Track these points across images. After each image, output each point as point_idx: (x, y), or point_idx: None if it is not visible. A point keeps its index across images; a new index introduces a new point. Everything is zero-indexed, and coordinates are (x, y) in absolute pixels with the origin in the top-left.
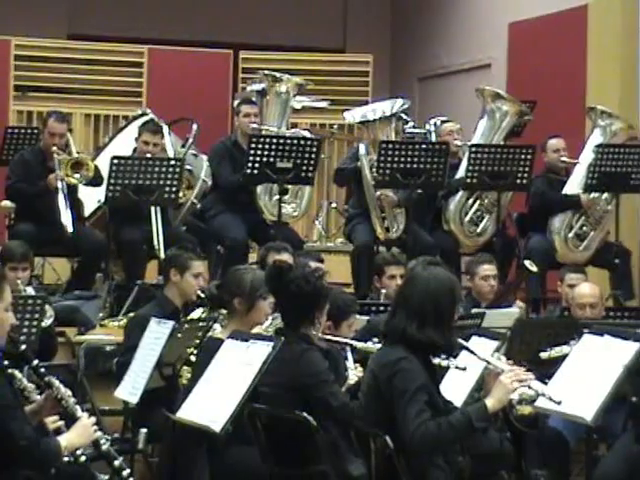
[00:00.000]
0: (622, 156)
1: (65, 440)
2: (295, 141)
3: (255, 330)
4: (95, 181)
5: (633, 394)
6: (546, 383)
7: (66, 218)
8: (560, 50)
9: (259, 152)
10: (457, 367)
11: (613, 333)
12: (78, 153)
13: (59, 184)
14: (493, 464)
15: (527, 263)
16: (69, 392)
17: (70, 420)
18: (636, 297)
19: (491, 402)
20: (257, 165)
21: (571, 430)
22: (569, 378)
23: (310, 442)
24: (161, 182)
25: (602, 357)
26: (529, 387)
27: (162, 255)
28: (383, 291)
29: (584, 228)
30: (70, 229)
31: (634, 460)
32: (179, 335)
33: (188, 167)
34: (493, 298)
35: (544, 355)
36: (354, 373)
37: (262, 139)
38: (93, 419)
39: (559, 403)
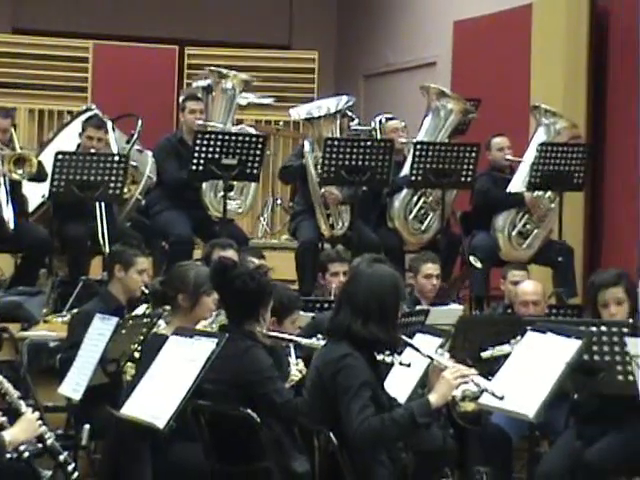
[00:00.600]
0: (565, 155)
1: (9, 435)
2: (240, 138)
3: (199, 326)
4: (39, 177)
5: (575, 391)
6: (489, 380)
7: (7, 214)
8: (504, 49)
9: (204, 148)
10: (401, 364)
11: (556, 330)
12: (21, 149)
13: (1, 179)
14: (436, 461)
15: (472, 259)
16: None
17: (13, 416)
18: (578, 295)
19: (434, 398)
20: (202, 162)
21: (514, 427)
22: (512, 375)
23: (254, 439)
24: (105, 178)
25: (544, 354)
26: (472, 383)
27: (107, 251)
28: (334, 286)
29: (527, 226)
30: (12, 225)
31: (576, 456)
32: (123, 331)
33: (133, 163)
34: (437, 294)
35: (485, 355)
36: (297, 369)
37: (207, 135)
38: (37, 414)
39: (502, 398)
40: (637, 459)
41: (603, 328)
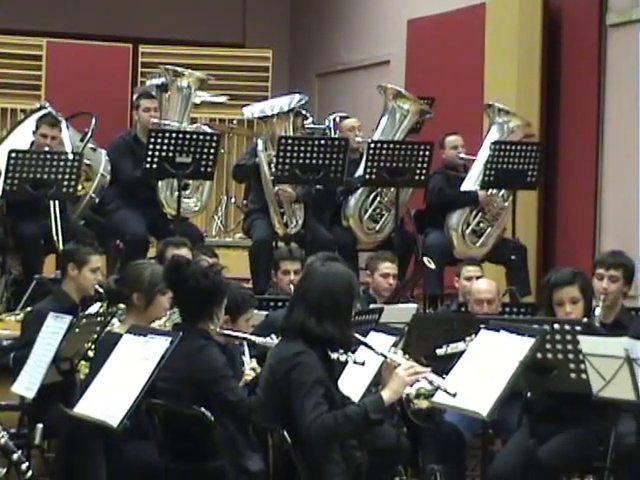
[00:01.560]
0: (519, 153)
1: None
2: (194, 136)
3: (154, 325)
4: None
5: (528, 389)
6: (443, 378)
7: None
8: (458, 47)
9: (158, 147)
10: (355, 362)
11: (509, 329)
12: None
13: None
14: (390, 459)
15: (425, 260)
16: None
17: None
18: (532, 293)
19: (387, 394)
20: (156, 160)
21: (467, 425)
22: (465, 373)
23: (207, 437)
24: (59, 176)
25: (498, 352)
26: (425, 379)
27: (60, 249)
28: (286, 284)
29: (481, 224)
30: None
31: (529, 455)
32: (76, 330)
33: (87, 161)
34: (392, 294)
35: (440, 352)
36: (251, 368)
37: (161, 134)
38: None
39: (454, 395)
40: (589, 457)
41: (556, 326)
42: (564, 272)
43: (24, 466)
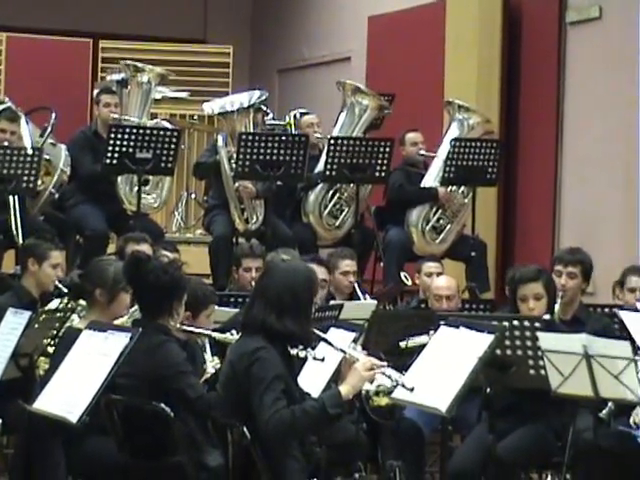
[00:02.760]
0: (479, 150)
1: None
2: (155, 132)
3: (116, 323)
4: None
5: (487, 385)
6: (402, 374)
7: None
8: (419, 44)
9: (118, 142)
10: (315, 358)
11: (468, 325)
12: None
13: None
14: (348, 455)
15: (403, 276)
16: None
17: None
18: (491, 289)
19: (345, 389)
20: (116, 155)
21: (426, 421)
22: (425, 369)
23: (167, 433)
24: (19, 171)
25: (457, 349)
26: (384, 374)
27: (20, 244)
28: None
29: (441, 221)
30: None
31: (488, 450)
32: (36, 325)
33: (47, 156)
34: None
35: (403, 344)
36: (212, 364)
37: (121, 129)
38: None
39: (412, 390)
40: (548, 453)
41: (515, 323)
42: (529, 268)
43: None
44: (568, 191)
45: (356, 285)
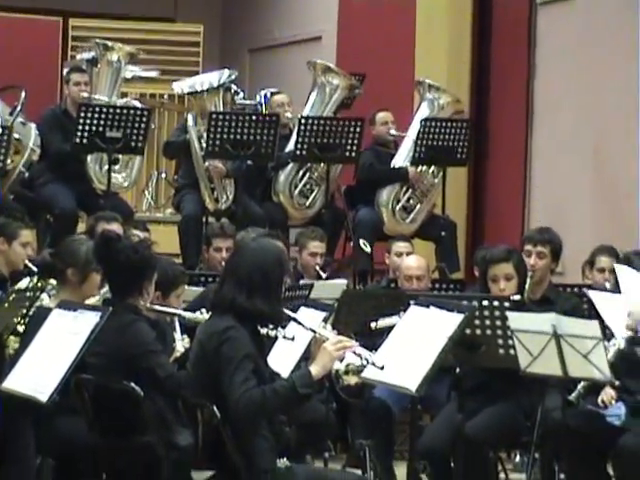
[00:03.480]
0: (449, 130)
1: None
2: (125, 111)
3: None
4: None
5: (457, 365)
6: (373, 353)
7: None
8: (389, 24)
9: (88, 121)
10: (285, 337)
11: (438, 305)
12: None
13: None
14: (318, 434)
15: (361, 243)
16: None
17: None
18: (461, 269)
19: (315, 368)
20: (86, 134)
21: (396, 400)
22: (395, 349)
23: (137, 412)
24: None
25: (427, 328)
26: (354, 353)
27: None
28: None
29: (411, 201)
30: None
31: (457, 430)
32: (5, 305)
33: (16, 135)
34: (325, 272)
35: (373, 325)
36: (182, 344)
37: (92, 108)
38: None
39: (382, 368)
40: (516, 432)
41: (485, 303)
42: (500, 249)
43: None
44: (538, 171)
45: (317, 267)
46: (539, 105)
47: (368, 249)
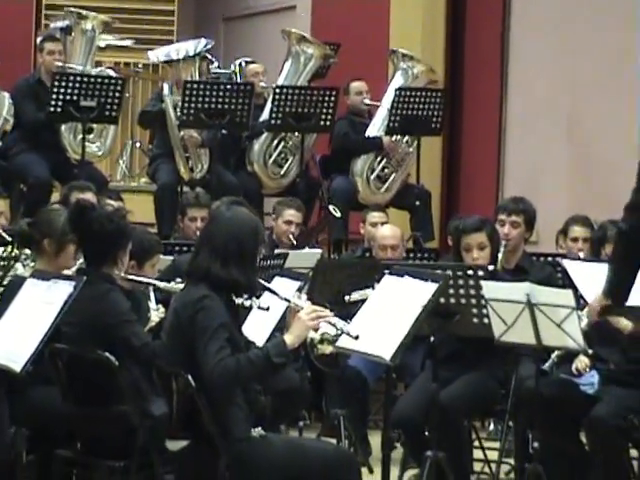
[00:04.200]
0: (423, 99)
1: None
2: (99, 80)
3: None
4: None
5: (431, 334)
6: (347, 323)
7: None
8: None
9: (62, 90)
10: (260, 307)
11: (413, 274)
12: None
13: None
14: (293, 403)
15: (331, 208)
16: None
17: None
18: (435, 238)
19: (290, 338)
20: (60, 103)
21: (371, 369)
22: (369, 318)
23: (111, 382)
24: None
25: (402, 297)
26: (328, 323)
27: None
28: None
29: (385, 170)
30: None
31: (431, 399)
32: None
33: None
34: (298, 241)
35: (347, 298)
36: (157, 313)
37: (66, 77)
38: None
39: (357, 338)
40: (490, 400)
41: (459, 272)
42: (473, 218)
43: None
44: (512, 141)
45: (291, 236)
46: (514, 74)
47: (338, 214)
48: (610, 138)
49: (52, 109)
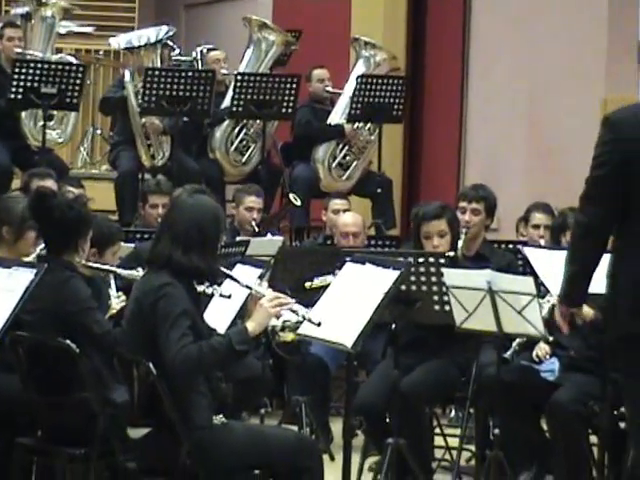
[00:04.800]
0: (385, 87)
1: None
2: (60, 67)
3: None
4: None
5: (393, 321)
6: (309, 310)
7: None
8: None
9: (23, 77)
10: (221, 295)
11: (374, 261)
12: None
13: None
14: (255, 390)
15: (292, 197)
16: None
17: None
18: (397, 226)
19: (251, 325)
20: (21, 90)
21: (332, 357)
22: (331, 305)
23: (72, 369)
24: None
25: (363, 285)
26: (290, 310)
27: None
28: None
29: (347, 157)
30: None
31: (392, 386)
32: None
33: None
34: (259, 228)
35: (308, 285)
36: (118, 301)
37: (26, 64)
38: None
39: (319, 325)
40: (451, 387)
41: (421, 259)
42: (433, 206)
43: None
44: (473, 128)
45: (253, 223)
46: (474, 61)
47: (298, 202)
48: (570, 125)
49: (12, 96)
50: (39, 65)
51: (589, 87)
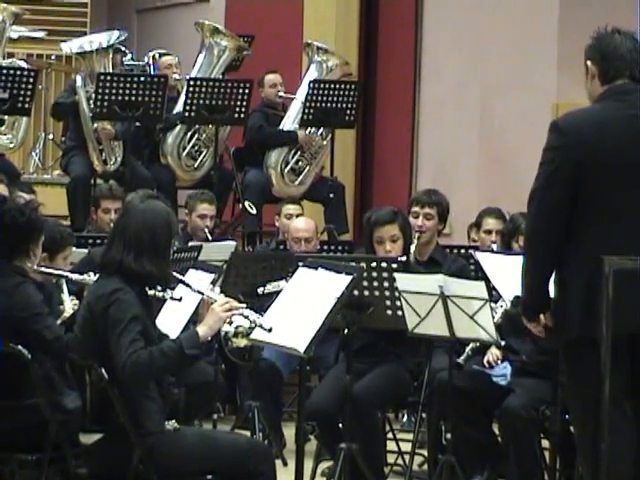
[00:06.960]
0: (337, 92)
1: None
2: (11, 71)
3: None
4: None
5: (345, 326)
6: (261, 316)
7: None
8: None
9: None
10: (172, 299)
11: (327, 266)
12: None
13: None
14: (207, 396)
15: (247, 205)
16: None
17: None
18: (350, 231)
19: (202, 329)
20: None
21: (285, 362)
22: (283, 310)
23: (23, 375)
24: None
25: (315, 290)
26: (241, 315)
27: None
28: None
29: (300, 163)
30: None
31: (345, 391)
32: None
33: None
34: (212, 235)
35: (261, 290)
36: (70, 306)
37: None
38: None
39: (270, 331)
40: (404, 392)
41: (373, 264)
42: (385, 211)
43: None
44: (425, 133)
45: (206, 230)
46: (426, 66)
47: (254, 211)
48: (521, 130)
49: None
50: None
51: (540, 92)
